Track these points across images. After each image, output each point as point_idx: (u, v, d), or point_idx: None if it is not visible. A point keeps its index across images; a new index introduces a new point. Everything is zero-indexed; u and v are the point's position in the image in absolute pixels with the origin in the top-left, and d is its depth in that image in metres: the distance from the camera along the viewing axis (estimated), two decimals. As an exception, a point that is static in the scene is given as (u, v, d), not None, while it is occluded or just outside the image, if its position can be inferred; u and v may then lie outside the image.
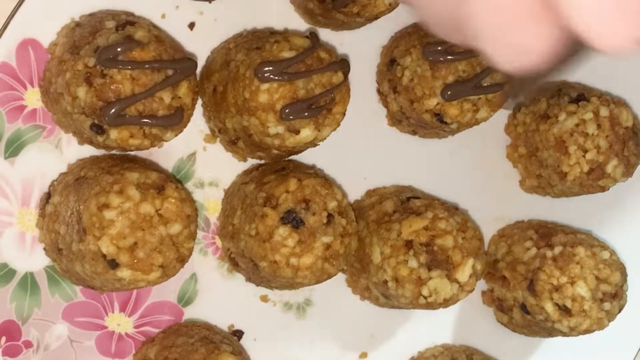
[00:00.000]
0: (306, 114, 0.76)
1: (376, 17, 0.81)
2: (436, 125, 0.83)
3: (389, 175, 0.89)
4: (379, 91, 0.88)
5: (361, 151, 0.88)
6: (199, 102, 0.83)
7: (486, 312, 0.93)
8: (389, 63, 0.85)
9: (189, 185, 0.84)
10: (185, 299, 0.85)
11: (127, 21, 0.76)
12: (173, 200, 0.75)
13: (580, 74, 0.89)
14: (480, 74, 0.80)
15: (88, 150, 0.81)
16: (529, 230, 0.90)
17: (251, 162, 0.86)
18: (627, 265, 0.88)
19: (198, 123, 0.83)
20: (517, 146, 0.91)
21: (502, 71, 0.51)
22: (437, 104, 0.81)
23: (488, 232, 0.92)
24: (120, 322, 0.84)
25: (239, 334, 0.87)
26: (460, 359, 0.89)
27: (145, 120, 0.74)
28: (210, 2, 0.83)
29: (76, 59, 0.74)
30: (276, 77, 0.75)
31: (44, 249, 0.81)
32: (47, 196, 0.80)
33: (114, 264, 0.73)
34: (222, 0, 0.83)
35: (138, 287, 0.76)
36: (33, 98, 0.79)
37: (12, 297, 0.81)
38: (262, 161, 0.85)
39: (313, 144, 0.79)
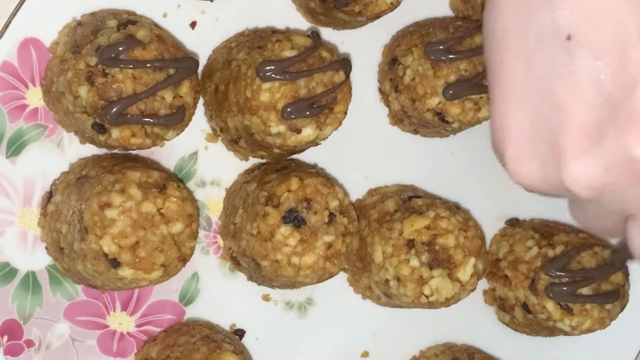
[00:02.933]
0: (308, 113, 0.76)
1: (377, 16, 0.81)
2: (438, 125, 0.83)
3: (391, 175, 0.89)
4: (380, 90, 0.88)
5: (363, 150, 0.88)
6: (201, 101, 0.83)
7: (488, 311, 0.93)
8: (391, 62, 0.85)
9: (190, 185, 0.84)
10: (187, 298, 0.85)
11: (128, 20, 0.76)
12: (175, 200, 0.75)
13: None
14: (481, 72, 0.80)
15: (90, 150, 0.81)
16: (531, 229, 0.90)
17: (253, 161, 0.86)
18: (629, 264, 0.88)
19: (200, 122, 0.83)
20: (518, 145, 0.91)
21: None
22: (439, 103, 0.81)
23: (490, 231, 0.92)
24: (122, 321, 0.84)
25: (240, 333, 0.87)
26: (461, 358, 0.89)
27: (146, 119, 0.74)
28: (211, 1, 0.83)
29: (78, 58, 0.74)
30: (278, 76, 0.75)
31: (46, 248, 0.81)
32: (49, 195, 0.80)
33: (115, 263, 0.73)
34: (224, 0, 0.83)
35: (140, 286, 0.77)
36: (35, 97, 0.79)
37: (14, 296, 0.81)
38: (264, 160, 0.85)
39: (314, 143, 0.79)
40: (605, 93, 0.60)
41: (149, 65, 0.73)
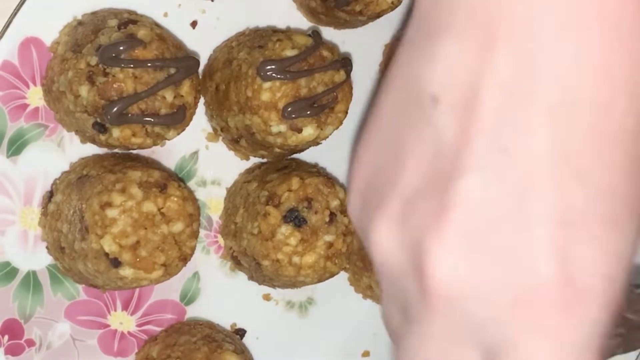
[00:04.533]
0: (308, 112, 0.76)
1: (378, 16, 0.81)
2: (439, 124, 0.83)
3: (392, 174, 0.89)
4: (381, 90, 0.88)
5: (363, 150, 0.88)
6: (201, 100, 0.83)
7: (489, 310, 0.93)
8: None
9: (191, 184, 0.84)
10: (188, 298, 0.85)
11: (129, 20, 0.76)
12: (175, 199, 0.75)
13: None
14: (482, 72, 0.80)
15: (90, 149, 0.81)
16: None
17: (253, 160, 0.86)
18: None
19: (200, 122, 0.83)
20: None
21: None
22: (440, 102, 0.81)
23: (490, 230, 0.92)
24: (122, 321, 0.84)
25: (241, 332, 0.87)
26: (462, 357, 0.89)
27: (147, 118, 0.74)
28: (212, 1, 0.83)
29: (78, 58, 0.74)
30: (278, 76, 0.75)
31: (47, 247, 0.81)
32: (50, 195, 0.80)
33: (116, 263, 0.73)
34: (225, -1, 0.83)
35: (140, 285, 0.76)
36: (35, 97, 0.79)
37: (14, 295, 0.81)
38: (265, 160, 0.85)
39: (315, 142, 0.79)
40: (439, 167, 0.53)
41: (149, 64, 0.73)
